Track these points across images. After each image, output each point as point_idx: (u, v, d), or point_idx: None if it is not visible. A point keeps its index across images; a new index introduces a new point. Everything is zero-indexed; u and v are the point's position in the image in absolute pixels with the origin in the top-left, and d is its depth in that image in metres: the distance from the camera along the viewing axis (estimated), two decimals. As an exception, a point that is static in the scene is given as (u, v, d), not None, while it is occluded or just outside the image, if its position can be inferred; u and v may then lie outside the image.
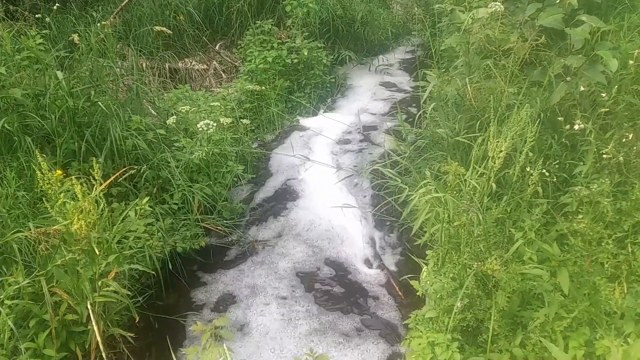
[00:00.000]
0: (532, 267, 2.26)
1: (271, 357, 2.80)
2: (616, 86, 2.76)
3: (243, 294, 3.28)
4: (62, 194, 2.44)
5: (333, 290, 3.25)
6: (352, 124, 5.56)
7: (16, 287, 2.36)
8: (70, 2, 6.12)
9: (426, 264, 2.71)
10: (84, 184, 2.46)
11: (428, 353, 2.27)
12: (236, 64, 6.58)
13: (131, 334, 2.72)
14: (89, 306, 2.41)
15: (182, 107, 4.32)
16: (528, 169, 2.52)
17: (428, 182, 2.66)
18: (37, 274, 2.44)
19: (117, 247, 2.79)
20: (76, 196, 2.42)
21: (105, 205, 2.68)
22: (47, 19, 4.67)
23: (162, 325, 3.05)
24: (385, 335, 2.93)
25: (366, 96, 6.42)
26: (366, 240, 3.74)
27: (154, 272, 3.04)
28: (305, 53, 5.88)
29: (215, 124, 3.92)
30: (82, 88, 3.61)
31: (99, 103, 3.50)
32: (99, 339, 2.38)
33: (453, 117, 3.55)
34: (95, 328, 2.39)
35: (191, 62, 6.36)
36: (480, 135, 2.86)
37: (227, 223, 3.85)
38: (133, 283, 3.07)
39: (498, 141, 2.31)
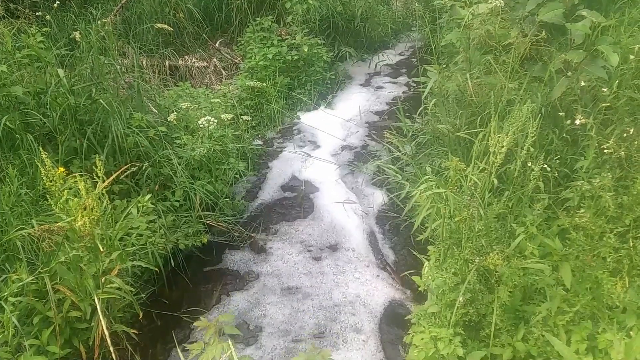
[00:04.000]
0: (534, 261, 2.26)
1: (274, 351, 2.81)
2: (617, 81, 2.76)
3: (246, 289, 3.29)
4: (65, 191, 2.44)
5: (334, 286, 3.26)
6: (352, 120, 5.57)
7: (20, 284, 2.37)
8: (69, 0, 6.12)
9: (428, 260, 2.71)
10: (87, 181, 2.47)
11: (430, 348, 2.27)
12: (236, 61, 6.58)
13: (134, 331, 2.73)
14: (96, 301, 2.42)
15: (183, 104, 4.32)
16: (529, 164, 2.53)
17: (429, 178, 2.66)
18: (41, 271, 2.44)
19: (120, 244, 2.79)
20: (79, 193, 2.42)
21: (108, 202, 2.69)
22: (48, 17, 4.67)
23: (165, 322, 3.06)
24: (388, 330, 2.94)
25: (366, 92, 6.43)
26: (368, 236, 3.75)
27: (156, 269, 3.04)
28: (306, 50, 5.89)
29: (216, 121, 3.92)
30: (83, 86, 3.61)
31: (100, 100, 3.50)
32: (106, 333, 2.38)
33: (454, 112, 3.55)
34: (103, 323, 2.40)
35: (191, 60, 6.36)
36: (481, 131, 2.87)
37: (228, 220, 3.86)
38: (136, 280, 3.07)
39: (499, 136, 2.31)
